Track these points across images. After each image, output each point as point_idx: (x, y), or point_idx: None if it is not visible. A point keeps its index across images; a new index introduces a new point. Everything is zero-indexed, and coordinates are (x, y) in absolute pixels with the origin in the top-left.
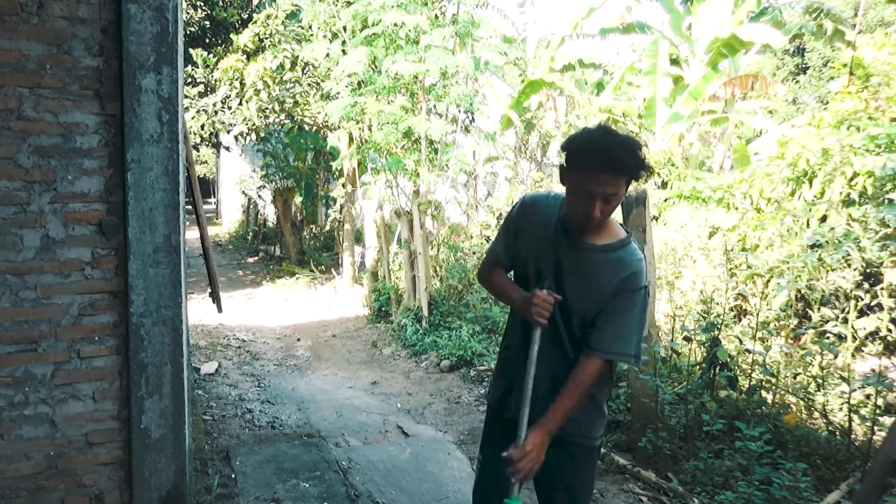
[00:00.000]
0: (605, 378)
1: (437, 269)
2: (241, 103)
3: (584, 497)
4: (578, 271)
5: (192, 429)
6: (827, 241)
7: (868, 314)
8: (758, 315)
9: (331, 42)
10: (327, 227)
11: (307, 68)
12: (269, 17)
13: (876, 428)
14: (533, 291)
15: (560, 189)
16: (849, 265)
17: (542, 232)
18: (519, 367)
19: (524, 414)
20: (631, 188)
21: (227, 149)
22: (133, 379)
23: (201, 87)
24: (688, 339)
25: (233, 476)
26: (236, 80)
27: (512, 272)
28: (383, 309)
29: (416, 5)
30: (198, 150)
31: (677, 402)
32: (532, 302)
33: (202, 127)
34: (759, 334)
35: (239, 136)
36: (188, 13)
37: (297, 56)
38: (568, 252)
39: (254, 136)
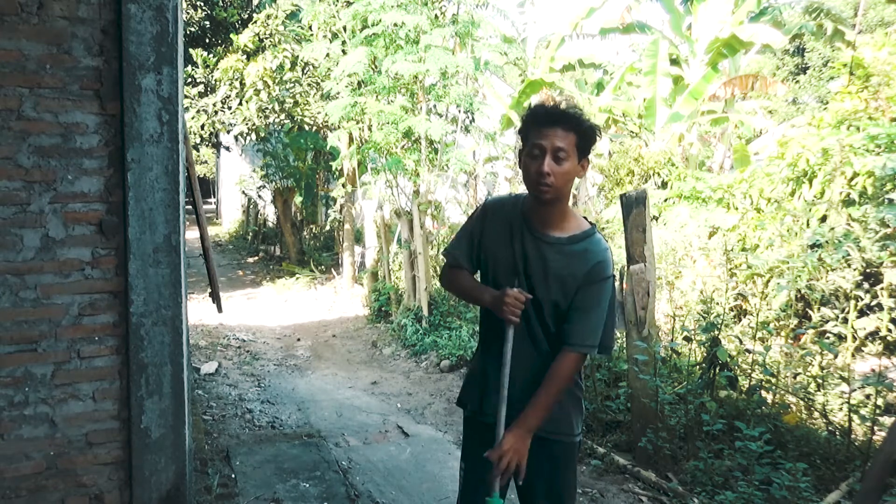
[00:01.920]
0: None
1: (437, 268)
2: (241, 103)
3: (568, 496)
4: (546, 265)
5: (192, 429)
6: (827, 241)
7: (868, 314)
8: (758, 315)
9: (331, 42)
10: (327, 227)
11: (307, 68)
12: (269, 17)
13: (876, 428)
14: (503, 290)
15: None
16: (849, 265)
17: (505, 231)
18: (493, 367)
19: (502, 414)
20: (630, 188)
21: (227, 149)
22: (133, 379)
23: (201, 87)
24: (688, 339)
25: (233, 476)
26: (236, 80)
27: (478, 273)
28: (383, 309)
29: (416, 5)
30: (198, 150)
31: (677, 402)
32: (503, 301)
33: (202, 127)
34: (759, 334)
35: (239, 136)
36: (188, 13)
37: (297, 56)
38: (533, 247)
39: (254, 136)
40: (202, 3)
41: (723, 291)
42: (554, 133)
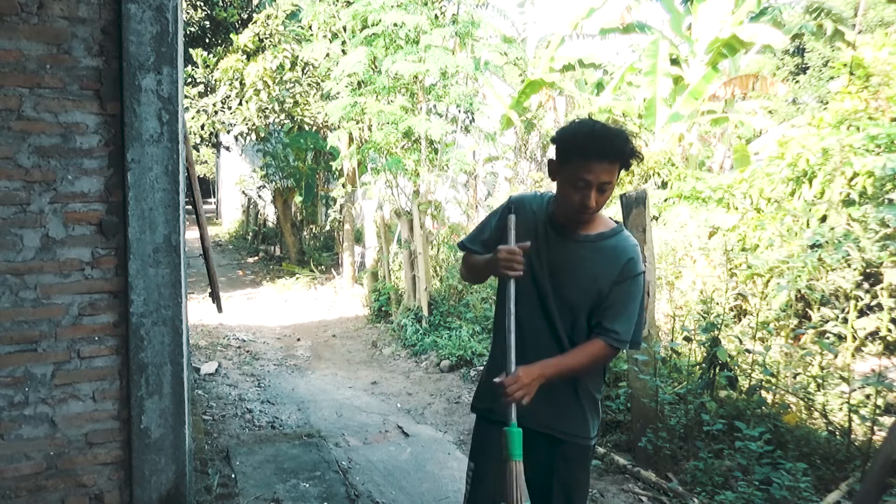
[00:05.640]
0: (599, 375)
1: (437, 268)
2: (241, 103)
3: (581, 498)
4: (573, 265)
5: (192, 429)
6: (827, 241)
7: (868, 314)
8: (758, 315)
9: (331, 42)
10: (327, 227)
11: (307, 68)
12: (269, 17)
13: (876, 428)
14: (496, 248)
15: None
16: (849, 265)
17: (529, 229)
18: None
19: (511, 343)
20: (630, 188)
21: (227, 149)
22: (133, 379)
23: (201, 87)
24: (688, 339)
25: (233, 476)
26: (236, 80)
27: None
28: (383, 309)
29: (416, 5)
30: (198, 150)
31: (677, 402)
32: (497, 258)
33: (202, 127)
34: (759, 334)
35: (239, 136)
36: (188, 13)
37: (297, 56)
38: (560, 247)
39: (254, 136)
40: (202, 3)
41: (723, 291)
42: (601, 168)
